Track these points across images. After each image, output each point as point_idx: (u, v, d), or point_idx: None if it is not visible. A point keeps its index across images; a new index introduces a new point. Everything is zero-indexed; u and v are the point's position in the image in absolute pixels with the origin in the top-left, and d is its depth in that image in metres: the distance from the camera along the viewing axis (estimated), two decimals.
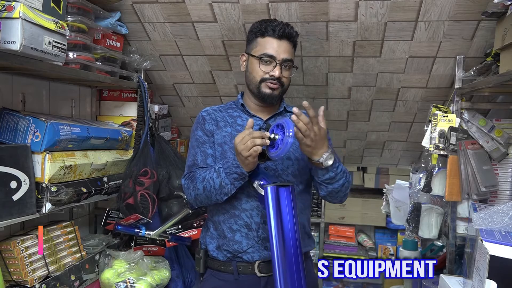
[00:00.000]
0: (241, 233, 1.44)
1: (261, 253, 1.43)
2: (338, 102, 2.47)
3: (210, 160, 1.48)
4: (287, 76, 1.48)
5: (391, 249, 3.39)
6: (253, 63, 1.48)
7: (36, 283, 1.61)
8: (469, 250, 1.78)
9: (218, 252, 1.47)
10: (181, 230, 2.12)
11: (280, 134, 1.27)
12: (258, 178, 1.35)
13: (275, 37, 1.45)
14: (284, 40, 1.46)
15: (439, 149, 1.87)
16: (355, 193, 3.51)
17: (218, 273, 1.47)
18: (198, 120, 1.54)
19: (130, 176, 1.99)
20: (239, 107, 1.55)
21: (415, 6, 1.81)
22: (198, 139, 1.51)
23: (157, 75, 2.44)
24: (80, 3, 1.75)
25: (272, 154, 1.28)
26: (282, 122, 1.28)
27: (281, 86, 1.47)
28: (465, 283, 1.43)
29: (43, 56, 1.39)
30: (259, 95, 1.48)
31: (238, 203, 1.44)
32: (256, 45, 1.49)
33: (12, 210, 1.47)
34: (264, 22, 1.49)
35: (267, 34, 1.46)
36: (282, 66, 1.45)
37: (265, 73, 1.45)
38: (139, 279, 1.89)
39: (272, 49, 1.45)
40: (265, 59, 1.45)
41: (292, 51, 1.50)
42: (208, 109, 1.56)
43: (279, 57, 1.44)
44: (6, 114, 1.61)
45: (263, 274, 1.43)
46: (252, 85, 1.48)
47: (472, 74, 1.84)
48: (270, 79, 1.45)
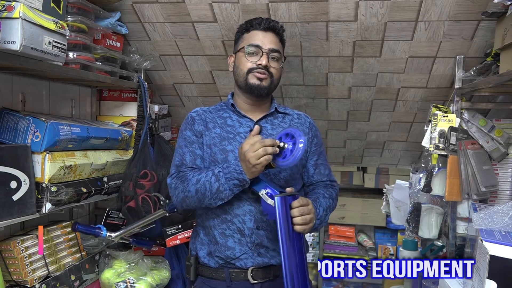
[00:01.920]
0: (233, 239, 1.40)
1: (254, 259, 1.40)
2: (338, 102, 2.47)
3: (199, 161, 1.45)
4: (276, 67, 1.46)
5: (391, 249, 3.40)
6: (240, 57, 1.48)
7: (36, 283, 1.61)
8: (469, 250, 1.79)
9: (210, 258, 1.43)
10: (181, 230, 2.11)
11: (289, 143, 1.26)
12: (261, 186, 1.32)
13: (260, 29, 1.46)
14: (270, 32, 1.47)
15: (439, 149, 1.87)
16: (355, 193, 3.51)
17: (210, 281, 1.43)
18: (187, 121, 1.52)
19: (130, 178, 1.99)
20: (230, 107, 1.53)
21: (415, 6, 1.81)
22: (187, 139, 1.48)
23: (157, 75, 2.44)
24: (80, 3, 1.75)
25: (280, 163, 1.27)
26: (292, 132, 1.27)
27: (270, 77, 1.45)
28: (465, 283, 1.43)
29: (43, 56, 1.38)
30: (247, 87, 1.45)
31: (229, 208, 1.40)
32: (242, 41, 1.49)
33: (12, 210, 1.47)
34: (249, 20, 1.51)
35: (252, 28, 1.48)
36: (269, 56, 1.44)
37: (252, 63, 1.44)
38: (139, 279, 1.89)
39: (258, 40, 1.45)
40: (251, 49, 1.44)
41: (279, 44, 1.49)
42: (198, 110, 1.54)
43: (265, 46, 1.44)
44: (6, 114, 1.61)
45: (256, 281, 1.40)
46: (240, 78, 1.47)
47: (472, 74, 1.84)
48: (257, 69, 1.44)
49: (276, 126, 1.50)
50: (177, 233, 2.11)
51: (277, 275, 1.42)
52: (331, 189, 1.55)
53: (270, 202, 1.28)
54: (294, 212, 1.27)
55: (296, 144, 1.23)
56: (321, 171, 1.55)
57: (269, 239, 1.41)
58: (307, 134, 1.54)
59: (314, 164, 1.54)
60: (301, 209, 1.28)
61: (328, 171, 1.58)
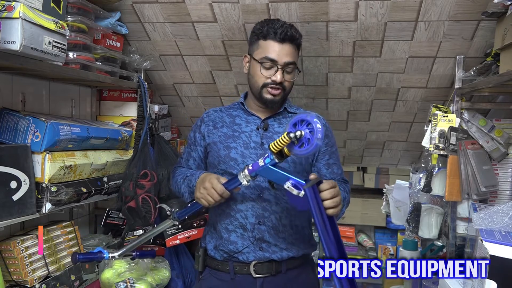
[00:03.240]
0: (236, 234, 1.44)
1: (256, 254, 1.43)
2: (338, 102, 2.47)
3: (192, 162, 1.58)
4: (289, 80, 1.47)
5: (391, 249, 3.39)
6: (255, 67, 1.46)
7: (36, 283, 1.61)
8: (469, 250, 1.79)
9: (216, 251, 1.48)
10: (181, 230, 2.12)
11: (305, 130, 1.18)
12: (283, 179, 1.26)
13: (277, 41, 1.42)
14: (287, 43, 1.43)
15: (439, 149, 1.87)
16: (355, 193, 3.51)
17: (216, 272, 1.48)
18: (197, 122, 1.60)
19: (130, 178, 1.99)
20: (240, 106, 1.56)
21: (415, 6, 1.81)
22: (189, 139, 1.60)
23: (157, 75, 2.44)
24: (80, 3, 1.75)
25: (298, 152, 1.20)
26: (308, 119, 1.19)
27: (283, 90, 1.46)
28: (465, 283, 1.43)
29: (43, 56, 1.38)
30: (261, 100, 1.48)
31: (233, 203, 1.45)
32: (257, 47, 1.46)
33: (12, 210, 1.47)
34: (266, 23, 1.46)
35: (269, 37, 1.43)
36: (284, 70, 1.43)
37: (266, 77, 1.44)
38: (139, 279, 1.89)
39: (274, 52, 1.42)
40: (266, 64, 1.43)
41: (295, 53, 1.47)
42: (210, 111, 1.59)
43: (281, 61, 1.42)
44: (6, 114, 1.61)
45: (258, 275, 1.43)
46: (254, 89, 1.49)
47: (472, 74, 1.84)
48: (271, 84, 1.44)
49: (283, 125, 1.52)
50: (177, 233, 2.11)
51: (279, 271, 1.44)
52: (344, 184, 1.55)
53: (296, 193, 1.24)
54: (324, 195, 1.23)
55: (314, 128, 1.16)
56: (334, 171, 1.55)
57: (270, 234, 1.43)
58: None
59: (326, 164, 1.54)
60: (331, 192, 1.24)
61: (340, 171, 1.58)
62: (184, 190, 1.51)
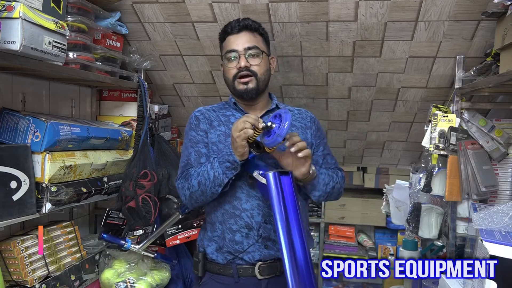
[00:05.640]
0: (241, 233, 1.43)
1: (261, 252, 1.43)
2: (338, 102, 2.47)
3: (204, 159, 1.47)
4: (257, 64, 1.48)
5: (391, 249, 3.40)
6: (224, 64, 1.52)
7: (36, 283, 1.61)
8: (469, 250, 1.79)
9: (218, 254, 1.46)
10: (181, 230, 2.12)
11: (277, 123, 1.27)
12: (254, 167, 1.36)
13: (234, 33, 1.49)
14: (243, 32, 1.49)
15: (439, 149, 1.87)
16: (355, 193, 3.51)
17: (218, 277, 1.46)
18: (191, 121, 1.54)
19: (130, 178, 1.99)
20: (232, 106, 1.56)
21: (415, 6, 1.81)
22: (192, 139, 1.51)
23: (157, 75, 2.44)
24: (80, 3, 1.75)
25: (266, 142, 1.28)
26: (280, 112, 1.29)
27: (254, 76, 1.47)
28: (465, 283, 1.43)
29: (43, 56, 1.38)
30: (237, 94, 1.50)
31: (238, 203, 1.44)
32: (222, 48, 1.53)
33: (12, 210, 1.47)
34: (224, 27, 1.54)
35: (227, 34, 1.51)
36: (247, 55, 1.47)
37: (234, 68, 1.47)
38: (139, 279, 1.89)
39: (233, 43, 1.48)
40: (229, 55, 1.48)
41: (256, 39, 1.50)
42: (201, 109, 1.57)
43: (240, 47, 1.47)
44: (6, 114, 1.61)
45: (263, 277, 1.42)
46: (229, 85, 1.52)
47: (472, 74, 1.84)
48: (239, 73, 1.47)
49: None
50: (177, 233, 2.11)
51: (283, 271, 1.43)
52: (338, 171, 1.58)
53: (262, 180, 1.29)
54: (296, 138, 1.29)
55: (282, 122, 1.24)
56: (328, 161, 1.59)
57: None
58: (310, 128, 1.57)
59: (322, 155, 1.57)
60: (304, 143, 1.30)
61: (334, 160, 1.62)
62: (215, 171, 1.35)
